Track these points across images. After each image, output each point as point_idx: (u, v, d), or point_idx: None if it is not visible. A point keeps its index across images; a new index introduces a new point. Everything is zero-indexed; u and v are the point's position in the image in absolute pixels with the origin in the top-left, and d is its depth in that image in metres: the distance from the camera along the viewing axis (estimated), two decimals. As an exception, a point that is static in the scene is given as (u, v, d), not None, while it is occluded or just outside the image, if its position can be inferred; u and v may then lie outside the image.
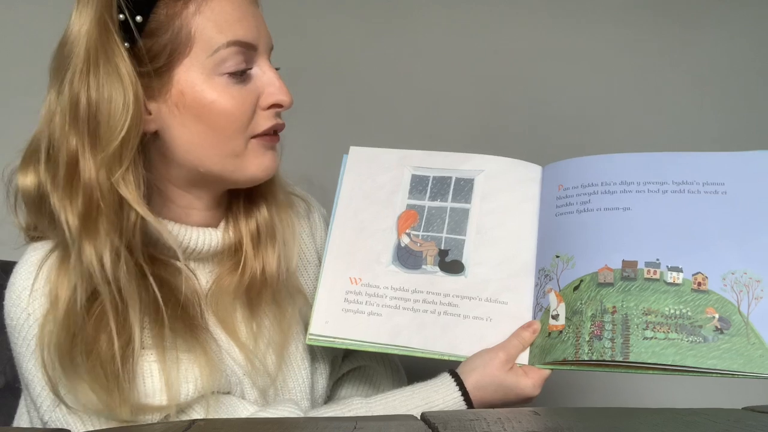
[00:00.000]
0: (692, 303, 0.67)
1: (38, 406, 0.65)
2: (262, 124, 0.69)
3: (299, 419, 0.63)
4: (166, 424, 0.52)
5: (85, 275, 0.62)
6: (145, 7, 0.64)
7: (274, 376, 0.73)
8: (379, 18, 1.26)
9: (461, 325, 0.74)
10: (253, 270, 0.73)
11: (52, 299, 0.64)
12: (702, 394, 1.03)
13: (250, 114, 0.68)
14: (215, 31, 0.65)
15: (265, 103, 0.69)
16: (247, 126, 0.68)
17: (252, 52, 0.68)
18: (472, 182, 0.80)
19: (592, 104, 1.28)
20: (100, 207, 0.62)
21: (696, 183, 0.73)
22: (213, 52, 0.65)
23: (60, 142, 0.63)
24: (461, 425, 0.45)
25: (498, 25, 1.28)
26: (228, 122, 0.67)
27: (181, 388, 0.65)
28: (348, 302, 0.76)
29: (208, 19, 0.65)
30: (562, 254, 0.74)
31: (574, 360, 0.68)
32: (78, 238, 0.62)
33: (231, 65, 0.66)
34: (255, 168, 0.70)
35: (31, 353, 0.64)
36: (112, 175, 0.62)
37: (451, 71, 1.27)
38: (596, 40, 1.29)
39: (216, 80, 0.66)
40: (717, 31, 1.30)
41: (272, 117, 0.70)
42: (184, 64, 0.65)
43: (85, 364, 0.62)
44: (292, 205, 0.80)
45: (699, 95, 1.30)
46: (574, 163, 0.79)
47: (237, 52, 0.66)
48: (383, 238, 0.78)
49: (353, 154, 0.84)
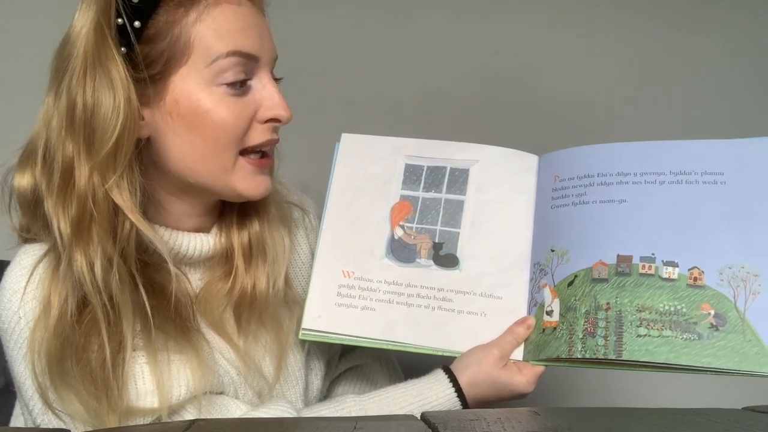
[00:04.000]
0: (687, 299, 0.67)
1: (30, 408, 0.64)
2: (255, 137, 0.68)
3: (299, 419, 0.63)
4: (164, 424, 0.51)
5: (75, 283, 0.61)
6: (144, 13, 0.62)
7: (272, 384, 0.73)
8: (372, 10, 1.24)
9: (455, 320, 0.73)
10: (244, 285, 0.72)
11: (44, 305, 0.63)
12: (702, 394, 1.04)
13: (245, 127, 0.67)
14: (215, 40, 0.64)
15: (263, 116, 0.68)
16: (241, 139, 0.67)
17: (253, 63, 0.66)
18: (467, 173, 0.79)
19: (590, 91, 1.29)
20: (93, 215, 0.61)
21: (694, 173, 0.71)
22: (211, 62, 0.64)
23: (56, 147, 0.62)
24: (461, 425, 0.45)
25: (494, 15, 1.27)
26: (221, 134, 0.65)
27: (172, 389, 0.64)
28: (341, 296, 0.75)
29: (208, 27, 0.64)
30: (557, 248, 0.73)
31: (568, 357, 0.68)
32: (69, 246, 0.61)
33: (229, 76, 0.65)
34: (243, 189, 0.68)
35: (23, 357, 0.63)
36: (105, 182, 0.61)
37: (448, 60, 1.26)
38: (595, 27, 1.29)
39: (213, 90, 0.65)
40: (717, 22, 1.30)
41: (267, 131, 0.69)
42: (181, 73, 0.64)
43: (75, 371, 0.61)
44: (285, 218, 0.79)
45: (698, 84, 1.30)
46: (571, 153, 0.77)
47: (237, 62, 0.65)
48: (377, 230, 0.77)
49: (345, 141, 0.81)
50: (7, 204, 0.68)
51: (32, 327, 0.62)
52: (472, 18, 1.26)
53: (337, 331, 0.74)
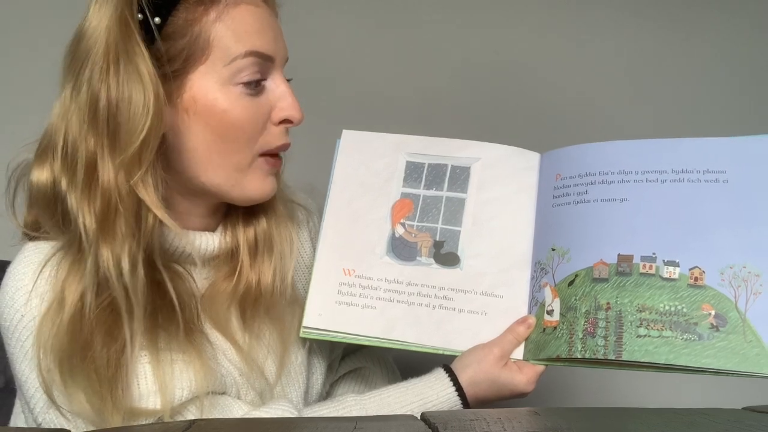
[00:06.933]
0: (688, 299, 0.66)
1: (32, 407, 0.64)
2: (272, 141, 0.69)
3: (299, 419, 0.63)
4: (165, 424, 0.51)
5: (100, 279, 0.61)
6: (164, 9, 0.62)
7: (273, 383, 0.73)
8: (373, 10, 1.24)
9: (456, 319, 0.73)
10: (249, 280, 0.72)
11: (57, 301, 0.62)
12: (702, 394, 1.04)
13: (261, 127, 0.68)
14: (234, 40, 0.64)
15: (277, 117, 0.68)
16: (256, 140, 0.68)
17: (268, 64, 0.67)
18: (468, 171, 0.78)
19: (591, 89, 1.29)
20: (118, 210, 0.60)
21: (696, 171, 0.71)
22: (230, 61, 0.64)
23: (78, 143, 0.61)
24: (461, 425, 0.45)
25: (494, 15, 1.27)
26: (237, 134, 0.66)
27: (175, 390, 0.64)
28: (341, 294, 0.74)
29: (227, 27, 0.64)
30: (558, 247, 0.73)
31: (568, 357, 0.68)
32: (95, 241, 0.60)
33: (246, 75, 0.65)
34: (253, 190, 0.69)
35: (24, 354, 0.63)
36: (131, 178, 0.61)
37: (448, 60, 1.26)
38: (595, 26, 1.29)
39: (230, 90, 0.65)
40: (717, 21, 1.30)
41: (283, 135, 0.69)
42: (200, 71, 0.64)
43: (82, 368, 0.60)
44: (292, 216, 0.79)
45: (699, 83, 1.30)
46: (573, 150, 0.77)
47: (253, 63, 0.65)
48: (377, 228, 0.77)
49: (346, 137, 0.81)
50: (11, 201, 0.68)
51: (39, 323, 0.62)
52: (472, 18, 1.26)
53: (337, 329, 0.73)
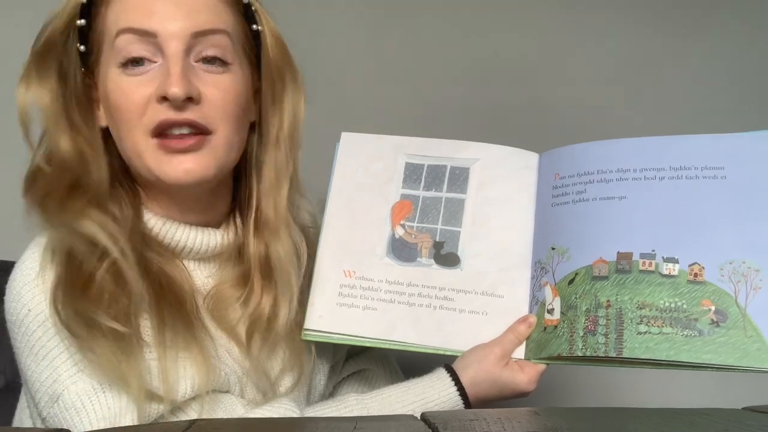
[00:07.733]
0: (688, 295, 0.66)
1: (37, 401, 0.64)
2: (153, 118, 0.63)
3: (299, 419, 0.63)
4: (165, 424, 0.51)
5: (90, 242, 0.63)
6: (85, 12, 0.65)
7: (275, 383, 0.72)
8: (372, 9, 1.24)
9: (457, 319, 0.73)
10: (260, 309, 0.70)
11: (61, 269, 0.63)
12: (702, 394, 1.04)
13: (142, 108, 0.64)
14: (113, 21, 0.65)
15: (155, 94, 0.63)
16: (140, 120, 0.64)
17: (151, 40, 0.63)
18: (467, 171, 0.78)
19: (590, 90, 1.28)
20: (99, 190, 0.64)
21: (694, 168, 0.71)
22: (111, 44, 0.65)
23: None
24: (461, 425, 0.45)
25: (494, 15, 1.26)
26: (121, 116, 0.65)
27: (178, 387, 0.64)
28: (342, 296, 0.75)
29: (113, 11, 0.65)
30: (558, 246, 0.73)
31: (569, 355, 0.68)
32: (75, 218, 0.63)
33: (123, 55, 0.64)
34: (163, 173, 0.64)
35: (30, 349, 0.63)
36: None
37: (448, 60, 1.25)
38: (594, 26, 1.29)
39: (113, 72, 0.65)
40: (716, 20, 1.30)
41: (163, 111, 0.63)
42: (101, 62, 0.66)
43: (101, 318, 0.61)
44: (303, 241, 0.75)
45: (698, 83, 1.29)
46: (571, 150, 0.77)
47: (129, 41, 0.64)
48: (377, 229, 0.77)
49: (345, 140, 0.81)
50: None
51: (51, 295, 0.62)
52: (472, 18, 1.26)
53: (339, 331, 0.74)
